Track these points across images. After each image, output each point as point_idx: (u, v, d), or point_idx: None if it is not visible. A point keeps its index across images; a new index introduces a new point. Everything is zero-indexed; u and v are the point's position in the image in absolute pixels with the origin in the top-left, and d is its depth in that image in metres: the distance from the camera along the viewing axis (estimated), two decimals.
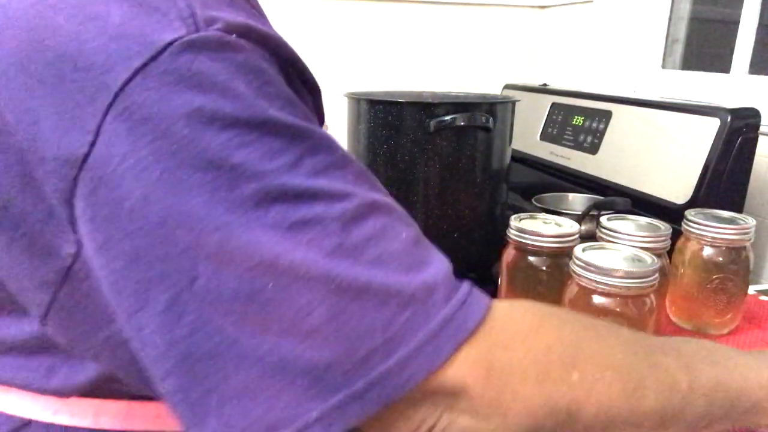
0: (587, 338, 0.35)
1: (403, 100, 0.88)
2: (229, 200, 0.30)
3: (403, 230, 0.33)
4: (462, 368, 0.31)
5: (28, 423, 0.40)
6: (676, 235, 0.73)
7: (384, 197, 0.35)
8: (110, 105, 0.30)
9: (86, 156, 0.30)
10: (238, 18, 0.33)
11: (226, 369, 0.29)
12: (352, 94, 0.91)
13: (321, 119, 0.41)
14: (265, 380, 0.29)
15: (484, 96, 1.08)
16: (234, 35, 0.32)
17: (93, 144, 0.30)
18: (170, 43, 0.30)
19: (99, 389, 0.40)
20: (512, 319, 0.34)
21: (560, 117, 1.23)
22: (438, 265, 0.33)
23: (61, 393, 0.40)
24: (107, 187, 0.30)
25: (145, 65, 0.30)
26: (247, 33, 0.33)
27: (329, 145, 0.34)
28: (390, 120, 0.85)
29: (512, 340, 0.33)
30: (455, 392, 0.31)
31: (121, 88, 0.30)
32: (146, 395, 0.41)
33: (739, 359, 0.42)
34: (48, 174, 0.31)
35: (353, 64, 1.49)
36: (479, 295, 0.34)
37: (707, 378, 0.38)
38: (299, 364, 0.29)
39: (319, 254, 0.30)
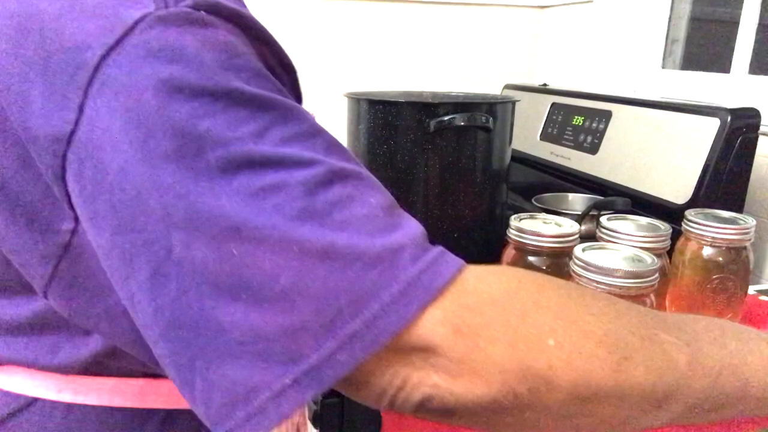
0: (570, 305, 0.34)
1: (403, 100, 0.88)
2: (194, 168, 0.30)
3: (372, 197, 0.33)
4: (429, 327, 0.31)
5: (34, 401, 0.42)
6: (676, 235, 0.73)
7: (355, 167, 0.35)
8: (89, 82, 0.31)
9: (72, 133, 0.32)
10: None
11: (207, 335, 0.30)
12: (352, 94, 0.91)
13: (299, 100, 0.41)
14: (244, 346, 0.30)
15: (484, 96, 1.08)
16: (203, 12, 0.33)
17: (77, 121, 0.31)
18: (140, 19, 0.32)
19: (101, 366, 0.41)
20: (486, 282, 0.34)
21: (560, 117, 1.23)
22: (408, 229, 0.33)
23: (65, 370, 0.41)
24: (91, 162, 0.31)
25: (117, 42, 0.31)
26: (216, 10, 0.34)
27: (298, 115, 0.34)
28: (390, 120, 0.85)
29: (483, 302, 0.33)
30: (424, 350, 0.31)
31: (97, 65, 0.31)
32: (148, 373, 0.43)
33: (758, 343, 0.40)
34: (40, 153, 0.33)
35: (353, 64, 1.49)
36: (451, 258, 0.33)
37: (712, 359, 0.37)
38: (271, 330, 0.30)
39: (283, 218, 0.30)
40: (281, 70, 0.39)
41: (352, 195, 0.33)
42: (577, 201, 1.05)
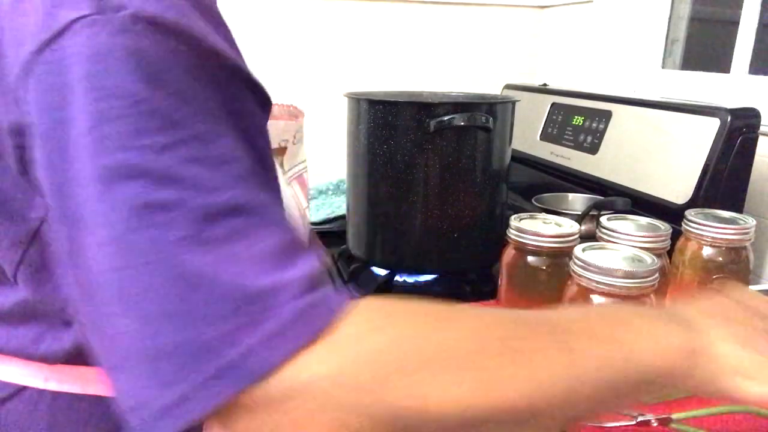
0: (435, 335, 0.34)
1: (403, 100, 0.88)
2: (89, 169, 0.31)
3: (267, 235, 0.33)
4: (301, 370, 0.31)
5: (22, 389, 0.43)
6: (676, 235, 0.73)
7: (259, 202, 0.34)
8: (26, 78, 0.33)
9: (24, 125, 0.33)
10: (152, 8, 0.34)
11: (103, 343, 0.32)
12: (352, 94, 0.91)
13: (264, 104, 0.41)
14: (129, 360, 0.31)
15: (484, 96, 1.08)
16: (141, 24, 0.34)
17: (24, 113, 0.33)
18: (74, 21, 0.33)
19: (84, 356, 0.42)
20: (356, 323, 0.33)
21: (560, 117, 1.23)
22: (298, 270, 0.33)
23: (49, 359, 0.42)
24: (37, 153, 0.33)
25: (50, 40, 0.33)
26: (156, 23, 0.34)
27: (214, 141, 0.34)
28: (390, 120, 0.85)
29: (349, 346, 0.32)
30: (296, 392, 0.31)
31: (31, 62, 0.33)
32: None
33: (637, 328, 0.39)
34: (6, 145, 0.35)
35: (353, 64, 1.49)
36: (333, 301, 0.33)
37: (593, 357, 0.36)
38: (149, 349, 0.30)
39: (169, 238, 0.30)
40: (237, 82, 0.39)
41: (246, 229, 0.32)
42: (577, 201, 1.05)
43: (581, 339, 0.37)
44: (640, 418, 0.50)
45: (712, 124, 0.86)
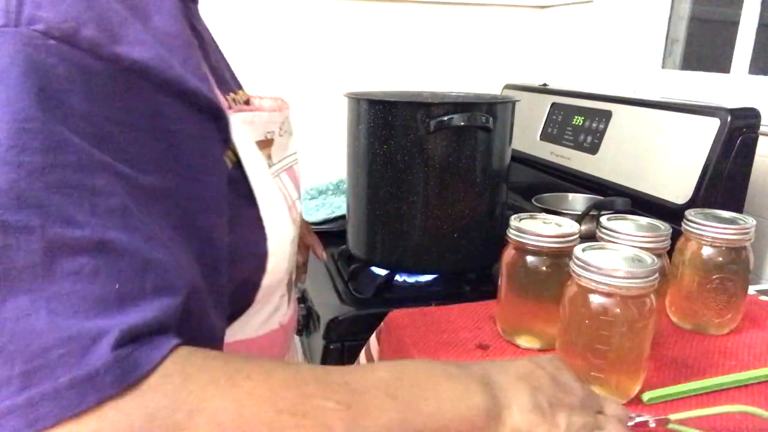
0: (217, 397, 0.33)
1: (403, 100, 0.88)
2: None
3: (113, 279, 0.32)
4: (100, 425, 0.30)
5: None
6: (676, 235, 0.73)
7: (129, 241, 0.33)
8: None
9: None
10: (68, 24, 0.34)
11: None
12: (352, 94, 0.91)
13: (216, 119, 0.41)
14: None
15: (483, 96, 1.08)
16: (51, 40, 0.33)
17: None
18: None
19: None
20: (162, 390, 0.32)
21: (560, 117, 1.23)
22: (128, 317, 0.32)
23: None
24: None
25: None
26: (68, 41, 0.34)
27: (98, 171, 0.33)
28: (390, 120, 0.85)
29: (142, 406, 0.31)
30: None
31: None
32: None
33: (437, 384, 0.39)
34: None
35: (353, 64, 1.49)
36: (148, 355, 0.32)
37: (379, 416, 0.36)
38: None
39: (14, 265, 0.30)
40: (171, 99, 0.38)
41: (94, 269, 0.32)
42: (577, 201, 1.05)
43: (373, 395, 0.37)
44: (638, 419, 0.50)
45: (712, 124, 0.86)
